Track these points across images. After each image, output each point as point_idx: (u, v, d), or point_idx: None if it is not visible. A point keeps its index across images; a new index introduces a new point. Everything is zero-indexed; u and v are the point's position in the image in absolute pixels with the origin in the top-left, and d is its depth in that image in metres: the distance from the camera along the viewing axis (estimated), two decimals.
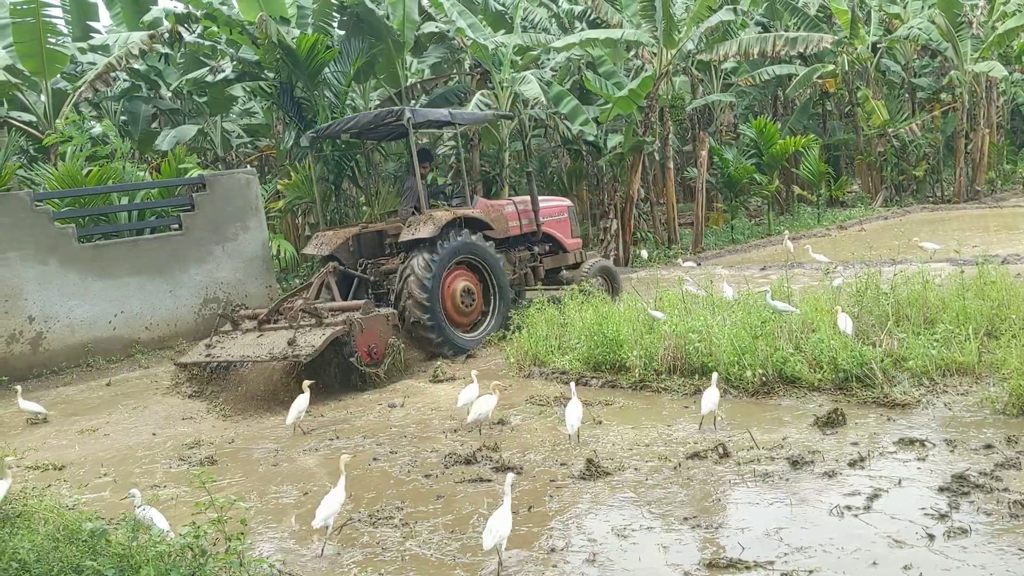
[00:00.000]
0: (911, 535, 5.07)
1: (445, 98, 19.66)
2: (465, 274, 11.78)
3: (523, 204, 13.51)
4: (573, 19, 21.77)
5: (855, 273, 10.96)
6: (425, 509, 6.31)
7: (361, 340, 10.17)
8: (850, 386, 7.85)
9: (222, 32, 16.67)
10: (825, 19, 25.52)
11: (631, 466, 6.68)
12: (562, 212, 14.18)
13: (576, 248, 14.17)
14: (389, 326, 10.55)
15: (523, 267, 13.25)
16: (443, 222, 11.37)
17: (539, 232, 13.47)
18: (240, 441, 8.75)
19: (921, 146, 26.39)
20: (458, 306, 11.62)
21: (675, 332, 8.99)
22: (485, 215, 12.30)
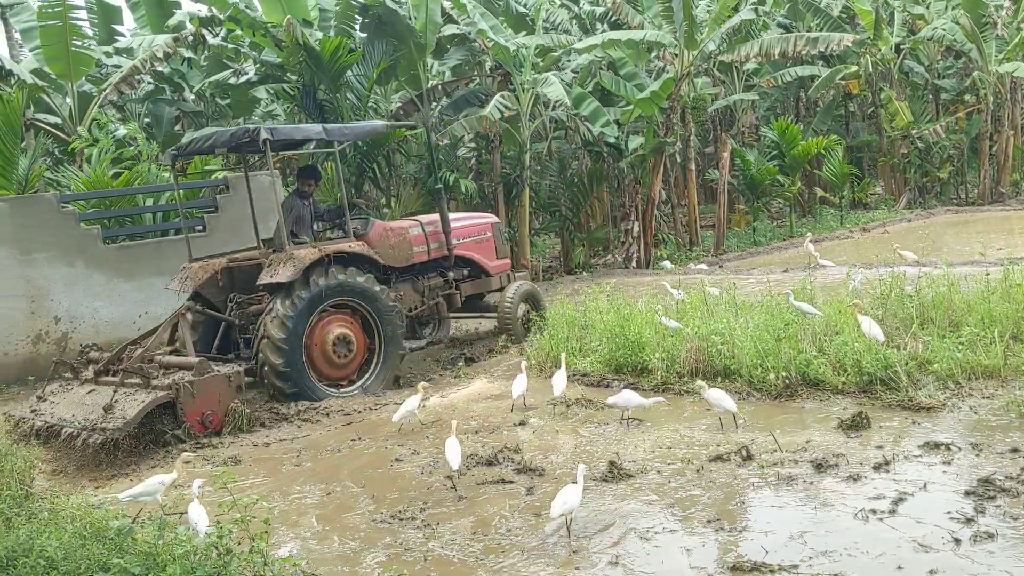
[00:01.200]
0: (937, 539, 5.03)
1: (466, 100, 19.70)
2: (343, 320, 10.15)
3: (432, 225, 11.81)
4: (594, 20, 21.76)
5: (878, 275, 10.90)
6: (447, 510, 6.33)
7: (192, 407, 8.70)
8: (874, 389, 7.80)
9: (245, 35, 16.80)
10: (848, 20, 25.37)
11: (653, 468, 6.67)
12: (483, 231, 12.60)
13: (502, 270, 12.71)
14: (231, 388, 9.01)
15: (433, 296, 11.72)
16: (305, 263, 9.71)
17: (451, 255, 11.87)
18: (264, 441, 8.80)
19: (945, 148, 26.17)
20: (330, 357, 9.98)
21: (697, 335, 8.97)
22: (364, 248, 10.53)
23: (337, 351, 10.04)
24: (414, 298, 11.53)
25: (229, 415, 8.90)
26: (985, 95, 25.12)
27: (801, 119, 26.38)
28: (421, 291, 11.61)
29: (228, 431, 8.83)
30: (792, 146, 21.50)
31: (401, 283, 11.42)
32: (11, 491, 6.59)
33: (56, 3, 14.92)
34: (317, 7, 17.80)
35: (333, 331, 10.03)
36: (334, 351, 10.02)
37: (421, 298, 11.61)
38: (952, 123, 26.40)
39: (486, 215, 13.71)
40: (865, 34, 24.38)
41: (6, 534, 5.68)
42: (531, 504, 6.24)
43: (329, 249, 10.09)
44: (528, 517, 6.02)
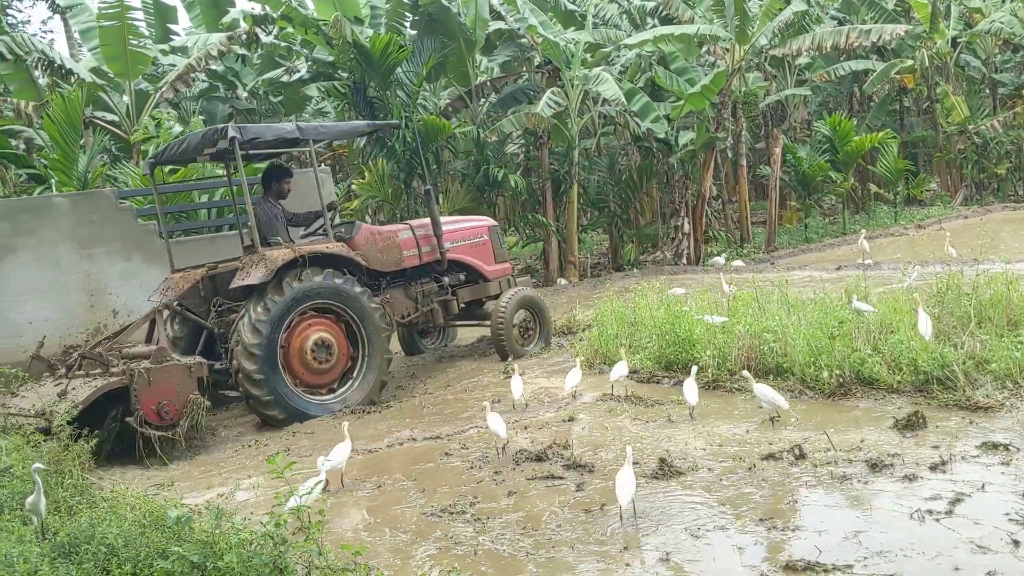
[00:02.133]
0: (995, 541, 4.94)
1: (514, 96, 19.73)
2: (324, 324, 9.78)
3: (423, 228, 11.36)
4: (645, 15, 21.63)
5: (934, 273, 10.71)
6: (496, 505, 6.36)
7: (147, 395, 8.41)
8: (930, 388, 7.66)
9: (297, 33, 17.03)
10: (903, 13, 24.90)
11: (704, 466, 6.64)
12: (479, 234, 12.04)
13: (501, 275, 12.11)
14: (191, 379, 8.73)
15: (428, 303, 11.29)
16: (278, 263, 9.33)
17: (443, 259, 11.37)
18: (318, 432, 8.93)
19: (1003, 143, 25.56)
20: (308, 363, 9.57)
21: (749, 332, 8.90)
22: (344, 249, 10.10)
23: (316, 356, 9.62)
24: (407, 304, 11.09)
25: (187, 406, 8.58)
26: None
27: (855, 114, 25.94)
28: (414, 297, 11.17)
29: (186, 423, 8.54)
30: (845, 141, 21.17)
31: (393, 289, 11.05)
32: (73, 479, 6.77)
33: (114, 4, 15.25)
34: (368, 5, 17.96)
35: (312, 336, 9.62)
36: (313, 356, 9.60)
37: (415, 304, 11.16)
38: (1010, 118, 25.77)
39: (482, 218, 13.03)
40: (920, 27, 23.91)
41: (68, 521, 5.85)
42: (581, 500, 6.25)
43: (304, 250, 9.67)
44: (578, 513, 6.03)
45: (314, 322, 9.70)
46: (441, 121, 16.99)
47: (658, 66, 20.19)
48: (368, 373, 9.96)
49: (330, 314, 9.83)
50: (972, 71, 27.16)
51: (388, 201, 17.38)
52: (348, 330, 9.95)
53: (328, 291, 9.67)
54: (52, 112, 14.43)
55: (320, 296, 9.63)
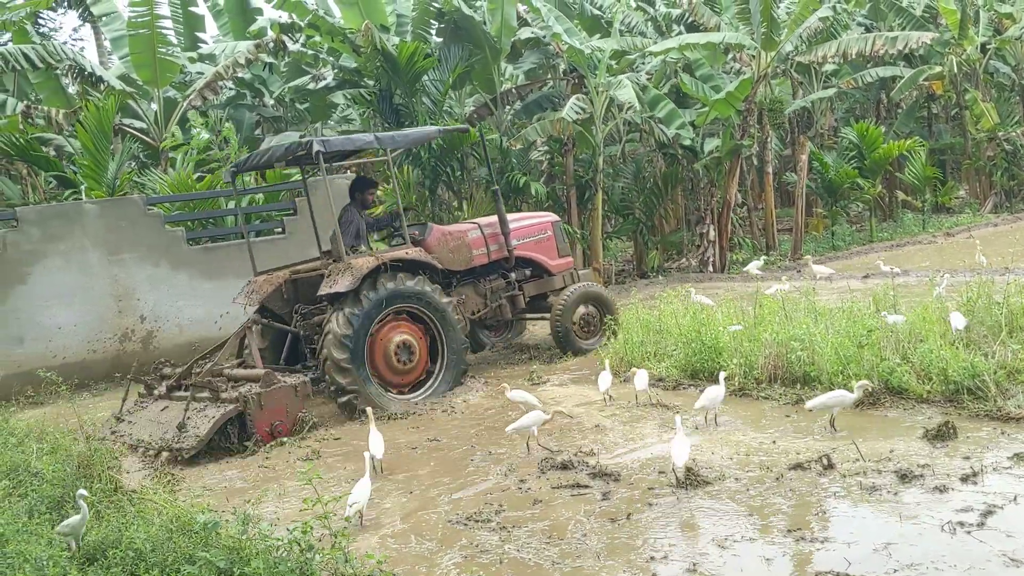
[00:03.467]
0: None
1: (539, 103, 19.74)
2: (405, 326, 10.18)
3: (491, 227, 11.68)
4: (670, 22, 21.59)
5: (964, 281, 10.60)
6: (522, 514, 6.34)
7: (261, 418, 8.96)
8: (961, 398, 7.57)
9: (324, 41, 17.13)
10: (931, 19, 24.67)
11: (731, 475, 6.59)
12: (544, 230, 12.30)
13: (564, 270, 12.33)
14: (298, 398, 9.30)
15: (496, 298, 11.62)
16: (363, 271, 9.77)
17: (511, 256, 11.66)
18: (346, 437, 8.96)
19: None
20: (392, 365, 10.00)
21: (776, 340, 8.83)
22: (422, 254, 10.49)
23: (399, 358, 10.04)
24: (476, 301, 11.49)
25: (296, 424, 9.13)
26: None
27: (882, 121, 25.74)
28: (483, 294, 11.55)
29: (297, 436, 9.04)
30: (873, 148, 21.00)
31: (463, 286, 11.42)
32: (101, 484, 6.83)
33: (144, 13, 15.46)
34: (394, 13, 18.04)
35: (395, 338, 10.04)
36: (396, 358, 10.03)
37: (484, 301, 11.55)
38: None
39: (546, 214, 13.49)
40: (949, 34, 23.69)
41: (96, 526, 5.90)
42: (606, 509, 6.22)
43: (386, 257, 10.12)
44: (604, 522, 6.00)
45: (397, 325, 10.14)
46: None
47: (683, 73, 20.14)
48: (448, 371, 10.36)
49: (408, 316, 10.25)
50: (1002, 77, 26.87)
51: (413, 208, 17.41)
52: (426, 330, 10.36)
53: (409, 295, 10.09)
54: (84, 119, 14.62)
55: (403, 299, 10.07)
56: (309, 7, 17.55)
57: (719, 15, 19.75)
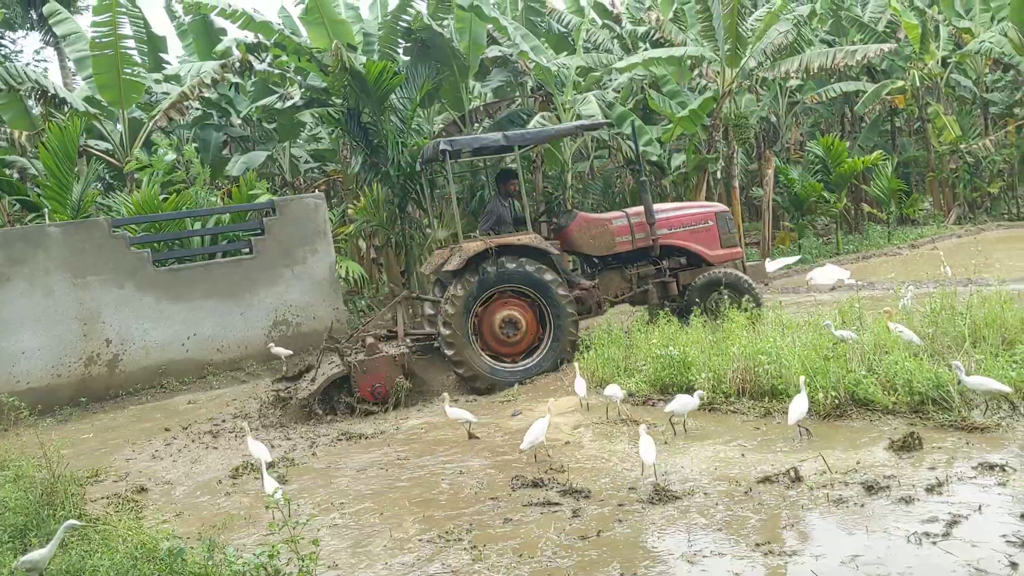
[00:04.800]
0: (993, 563, 4.91)
1: (509, 120, 19.80)
2: (514, 302, 11.28)
3: (639, 216, 12.28)
4: (637, 40, 21.77)
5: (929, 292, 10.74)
6: (493, 532, 6.32)
7: (364, 381, 10.56)
8: (926, 409, 7.65)
9: (291, 60, 17.07)
10: (892, 34, 25.09)
11: (701, 490, 6.60)
12: (704, 220, 12.57)
13: (726, 260, 12.51)
14: (396, 366, 10.71)
15: (643, 284, 12.24)
16: (469, 254, 11.08)
17: (654, 245, 12.21)
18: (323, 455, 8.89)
19: (995, 162, 25.67)
20: (499, 337, 11.22)
21: (744, 354, 8.88)
22: (534, 240, 11.37)
23: (504, 331, 11.20)
24: (621, 285, 12.20)
25: (394, 388, 10.61)
26: None
27: (847, 135, 26.08)
28: (628, 278, 12.23)
29: (392, 400, 10.60)
30: (838, 162, 21.26)
31: (610, 270, 12.28)
32: (65, 512, 6.73)
33: (108, 33, 15.34)
34: (361, 32, 18.04)
35: (502, 313, 11.22)
36: (501, 331, 11.20)
37: (628, 285, 12.22)
38: (1002, 137, 25.90)
39: (710, 204, 13.81)
40: (911, 48, 24.08)
41: (60, 554, 5.80)
42: (577, 527, 6.20)
43: (494, 242, 11.24)
44: (574, 540, 5.98)
45: (508, 302, 11.28)
46: None
47: (650, 89, 20.30)
48: (552, 348, 11.29)
49: (521, 295, 11.28)
50: (963, 91, 27.33)
51: (383, 226, 17.37)
52: (537, 309, 11.34)
53: (516, 276, 11.16)
54: (48, 141, 14.46)
55: (509, 281, 11.16)
56: (275, 27, 17.49)
57: (684, 32, 19.95)
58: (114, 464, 9.61)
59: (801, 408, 7.44)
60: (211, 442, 10.12)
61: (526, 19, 19.44)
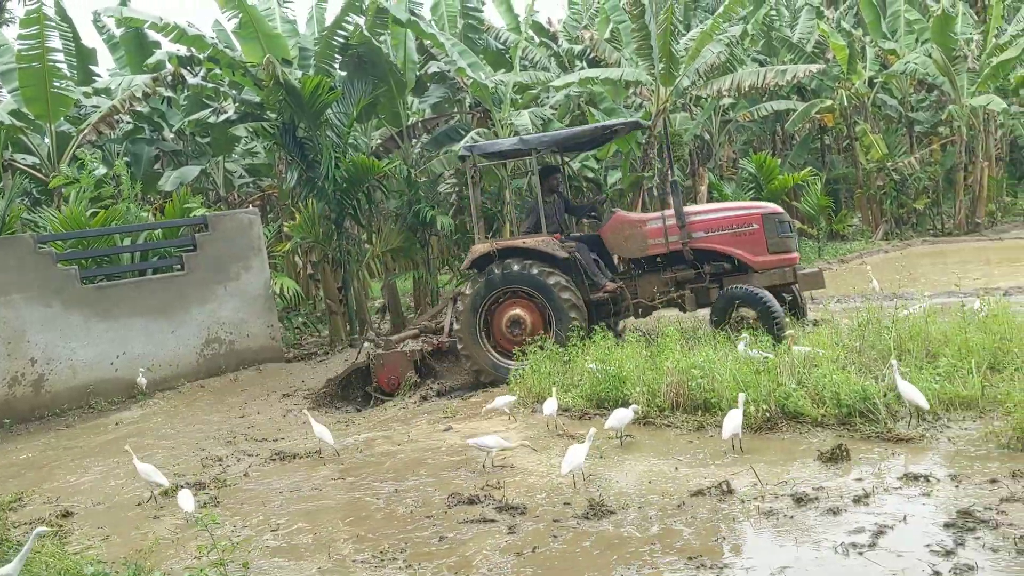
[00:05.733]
0: (917, 573, 5.02)
1: (448, 135, 19.81)
2: (522, 304, 11.52)
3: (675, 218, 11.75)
4: (573, 58, 21.99)
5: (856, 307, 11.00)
6: (429, 550, 6.27)
7: (381, 372, 11.81)
8: (853, 421, 7.82)
9: (225, 74, 16.85)
10: (821, 55, 25.78)
11: (635, 504, 6.65)
12: (746, 223, 11.57)
13: (774, 266, 11.47)
14: (408, 361, 11.82)
15: (680, 289, 11.64)
16: (475, 256, 11.71)
17: (683, 248, 11.62)
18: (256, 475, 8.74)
19: (921, 179, 26.50)
20: (505, 335, 11.56)
21: (677, 368, 8.98)
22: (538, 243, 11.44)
23: (511, 330, 11.51)
24: (658, 289, 11.76)
25: (406, 381, 11.68)
26: (959, 127, 25.49)
27: (778, 152, 26.67)
28: (665, 282, 11.77)
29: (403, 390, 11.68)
30: (770, 179, 21.72)
31: (648, 274, 11.96)
32: None
33: (35, 45, 14.96)
34: (297, 46, 17.90)
35: (509, 313, 11.54)
36: (508, 330, 11.52)
37: (666, 290, 11.73)
38: (927, 155, 26.77)
39: (757, 204, 12.93)
40: (838, 68, 24.75)
41: None
42: (512, 543, 6.19)
43: (499, 244, 11.80)
44: (509, 557, 5.97)
45: (517, 302, 11.57)
46: (371, 161, 16.97)
47: (588, 106, 20.51)
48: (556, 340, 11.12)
49: (531, 298, 11.48)
50: (889, 110, 28.18)
51: (320, 242, 17.21)
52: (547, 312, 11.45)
53: (520, 279, 11.44)
54: None
55: (513, 282, 11.47)
56: (209, 40, 17.26)
57: (620, 51, 20.21)
58: (38, 488, 9.32)
59: (735, 422, 7.55)
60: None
61: (464, 36, 19.51)
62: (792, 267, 11.66)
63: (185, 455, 9.99)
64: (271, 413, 11.96)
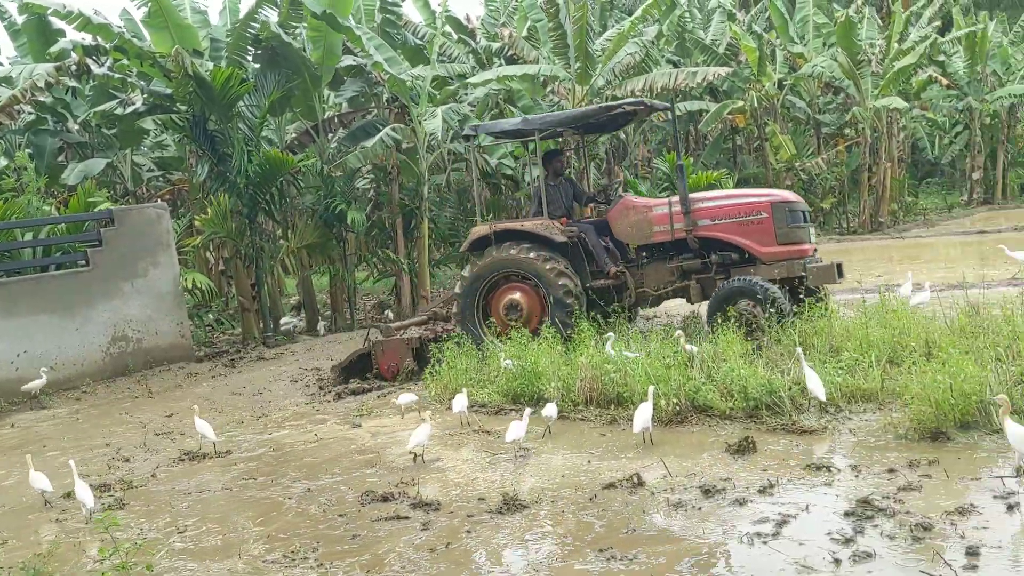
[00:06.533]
0: (818, 560, 5.18)
1: (365, 130, 19.58)
2: (519, 288, 11.36)
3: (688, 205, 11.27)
4: (491, 55, 21.99)
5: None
6: (341, 548, 6.22)
7: (382, 359, 11.79)
8: (760, 414, 8.04)
9: (133, 65, 16.35)
10: (733, 57, 26.36)
11: (548, 498, 6.70)
12: (755, 211, 10.99)
13: (785, 257, 10.88)
14: (408, 349, 11.80)
15: (685, 279, 11.26)
16: (473, 237, 11.68)
17: (688, 236, 11.15)
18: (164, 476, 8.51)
19: (827, 179, 27.34)
20: (504, 320, 11.37)
21: (591, 364, 9.09)
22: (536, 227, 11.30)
23: (508, 315, 11.36)
24: (664, 278, 11.43)
25: (404, 367, 11.64)
26: (863, 129, 26.39)
27: (691, 152, 27.18)
28: (671, 271, 11.38)
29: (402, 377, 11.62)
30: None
31: (655, 261, 11.58)
32: None
33: None
34: (208, 37, 17.47)
35: (506, 297, 11.42)
36: (506, 315, 11.36)
37: (672, 279, 11.37)
38: (833, 156, 27.63)
39: (768, 192, 12.37)
40: (749, 71, 25.35)
41: None
42: (427, 540, 6.18)
43: (499, 226, 11.68)
44: (423, 553, 5.96)
45: (516, 286, 11.43)
46: (284, 155, 16.68)
47: (507, 104, 20.54)
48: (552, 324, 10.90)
49: (523, 279, 11.36)
50: (797, 112, 28.99)
51: (231, 237, 16.85)
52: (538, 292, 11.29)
53: (514, 262, 11.31)
54: None
55: (507, 266, 11.37)
56: (116, 29, 16.71)
57: (537, 49, 20.30)
58: None
59: (646, 416, 7.68)
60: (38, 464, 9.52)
61: (382, 31, 19.30)
62: (803, 260, 10.95)
63: (89, 456, 9.67)
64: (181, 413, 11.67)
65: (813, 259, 11.14)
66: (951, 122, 33.57)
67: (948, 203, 32.03)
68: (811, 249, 11.22)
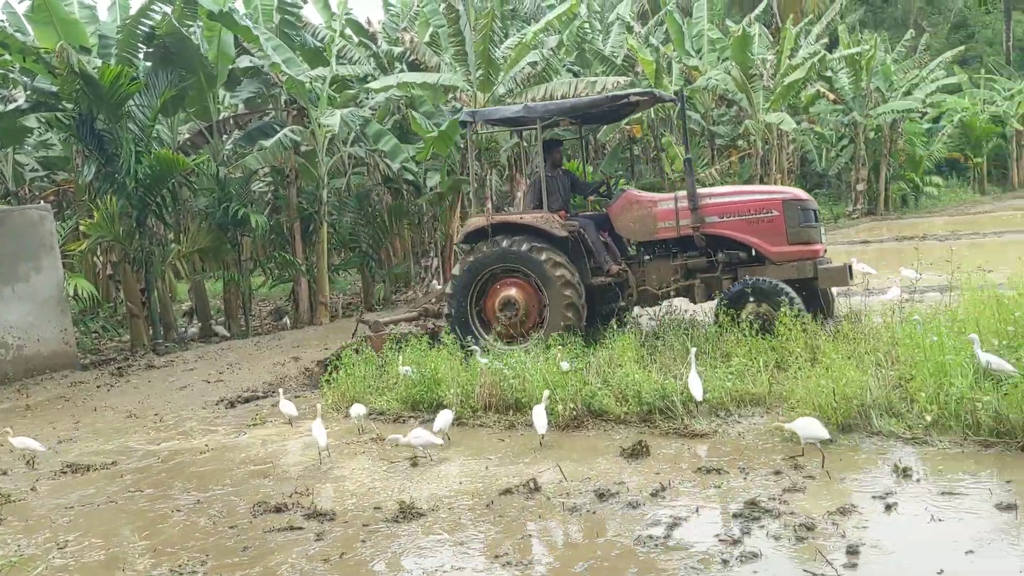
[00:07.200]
0: (707, 562, 5.31)
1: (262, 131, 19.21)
2: (515, 283, 10.87)
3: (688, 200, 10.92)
4: (393, 60, 21.86)
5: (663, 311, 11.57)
6: (231, 561, 6.07)
7: None
8: (653, 418, 8.21)
9: (15, 60, 15.65)
10: (630, 68, 26.84)
11: (445, 505, 6.69)
12: (766, 208, 10.60)
13: (795, 258, 10.47)
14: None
15: (690, 277, 10.87)
16: (468, 229, 11.25)
17: (694, 233, 10.77)
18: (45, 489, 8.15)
19: None
20: (498, 318, 10.86)
21: (491, 369, 9.13)
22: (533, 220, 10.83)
23: (505, 313, 10.84)
24: (668, 276, 10.95)
25: None
26: (755, 141, 27.25)
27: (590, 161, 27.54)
28: (675, 270, 10.92)
29: None
30: None
31: (658, 259, 11.15)
32: None
33: None
34: (96, 33, 16.87)
35: (500, 294, 10.90)
36: (502, 312, 10.84)
37: (676, 277, 10.89)
38: (726, 167, 28.41)
39: (782, 189, 12.22)
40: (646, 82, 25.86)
41: None
42: (321, 550, 6.09)
43: (496, 219, 11.11)
44: (317, 564, 5.87)
45: (513, 281, 10.94)
46: (177, 156, 16.22)
47: (408, 109, 20.46)
48: (548, 328, 10.58)
49: (520, 274, 10.87)
50: (692, 123, 29.70)
51: (119, 241, 16.27)
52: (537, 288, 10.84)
53: (510, 256, 10.81)
54: None
55: (503, 260, 10.86)
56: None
57: (439, 55, 20.28)
58: None
59: (545, 418, 7.77)
60: None
61: (281, 31, 18.97)
62: (813, 261, 10.53)
63: None
64: (64, 424, 11.20)
65: (823, 260, 10.84)
66: (837, 136, 34.94)
67: (835, 213, 33.28)
68: (822, 249, 10.89)
